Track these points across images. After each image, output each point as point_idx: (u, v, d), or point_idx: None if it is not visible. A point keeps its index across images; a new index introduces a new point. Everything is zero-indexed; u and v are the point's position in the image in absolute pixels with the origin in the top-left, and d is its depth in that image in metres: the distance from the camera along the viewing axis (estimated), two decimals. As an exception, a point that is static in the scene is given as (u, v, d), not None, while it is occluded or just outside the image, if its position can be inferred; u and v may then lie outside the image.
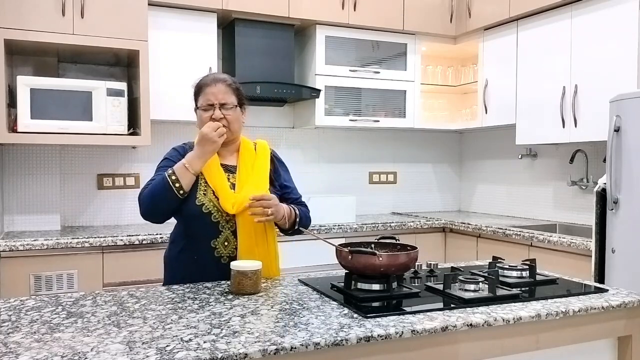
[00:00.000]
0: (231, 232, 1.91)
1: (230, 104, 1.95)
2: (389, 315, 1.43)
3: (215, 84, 1.96)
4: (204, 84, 1.98)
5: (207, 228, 1.90)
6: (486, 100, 3.82)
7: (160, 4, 3.24)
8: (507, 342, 1.48)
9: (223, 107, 1.94)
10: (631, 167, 2.42)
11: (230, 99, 1.96)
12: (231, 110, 1.95)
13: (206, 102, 1.94)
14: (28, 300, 1.59)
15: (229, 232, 1.91)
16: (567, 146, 3.59)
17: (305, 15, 3.57)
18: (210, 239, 1.90)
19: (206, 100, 1.95)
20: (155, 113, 3.18)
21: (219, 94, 1.94)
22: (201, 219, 1.89)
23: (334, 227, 3.44)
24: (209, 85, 1.96)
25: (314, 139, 4.08)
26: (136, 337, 1.26)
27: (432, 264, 1.93)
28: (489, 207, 4.32)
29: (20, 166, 3.18)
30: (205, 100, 1.95)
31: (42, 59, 3.24)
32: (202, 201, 1.89)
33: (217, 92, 1.94)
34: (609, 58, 2.97)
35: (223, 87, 1.96)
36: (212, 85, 1.96)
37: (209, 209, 1.89)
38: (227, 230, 1.91)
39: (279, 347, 1.20)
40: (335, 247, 1.71)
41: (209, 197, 1.90)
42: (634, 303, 1.64)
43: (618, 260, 2.48)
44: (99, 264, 2.88)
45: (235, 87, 2.01)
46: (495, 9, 3.66)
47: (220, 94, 1.94)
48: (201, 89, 1.98)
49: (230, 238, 1.91)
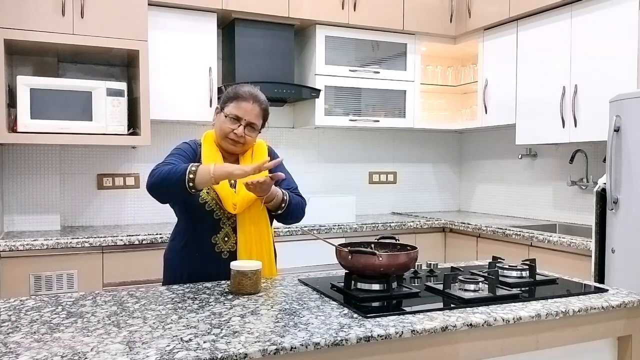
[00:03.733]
0: (231, 229, 1.96)
1: (257, 126, 1.98)
2: (388, 315, 1.43)
3: (253, 102, 1.96)
4: (242, 96, 1.96)
5: (209, 225, 1.94)
6: (486, 100, 3.82)
7: (160, 4, 3.23)
8: (507, 342, 1.48)
9: (248, 126, 1.95)
10: (631, 167, 2.42)
11: (258, 122, 1.98)
12: (254, 133, 1.98)
13: (237, 113, 1.94)
14: (28, 300, 1.59)
15: (229, 229, 1.95)
16: (567, 146, 3.59)
17: (305, 15, 3.57)
18: (211, 235, 1.94)
19: (238, 111, 1.94)
20: (155, 113, 3.18)
21: (252, 114, 1.95)
22: (203, 216, 1.94)
23: (334, 227, 3.44)
24: (247, 100, 1.95)
25: (314, 139, 4.08)
26: (136, 337, 1.26)
27: (432, 264, 1.93)
28: (488, 207, 4.32)
29: (20, 166, 3.18)
30: (236, 111, 1.94)
31: (42, 59, 3.24)
32: (205, 199, 1.93)
33: (250, 111, 1.95)
34: (609, 58, 2.97)
35: (258, 110, 1.97)
36: (249, 101, 1.96)
37: (211, 206, 1.94)
38: (227, 227, 1.95)
39: (279, 347, 1.20)
40: (335, 247, 1.71)
41: (212, 195, 1.94)
42: (634, 303, 1.64)
43: (618, 260, 2.48)
44: (99, 264, 2.88)
45: (267, 112, 2.03)
46: (495, 9, 3.66)
47: (252, 115, 1.95)
48: (238, 98, 1.96)
49: (230, 234, 1.95)
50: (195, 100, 3.35)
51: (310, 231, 2.05)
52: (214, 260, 1.93)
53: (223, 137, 1.96)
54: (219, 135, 1.98)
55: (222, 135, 1.96)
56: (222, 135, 1.97)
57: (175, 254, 2.01)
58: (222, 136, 1.96)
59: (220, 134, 1.97)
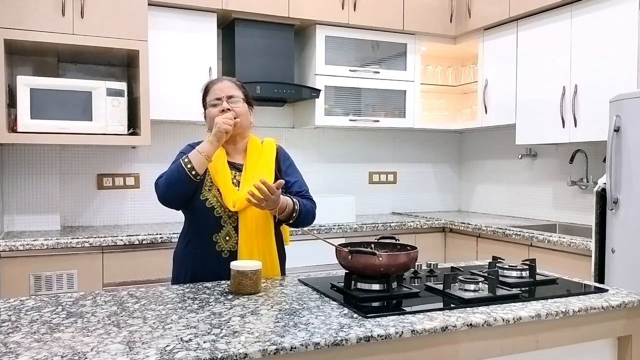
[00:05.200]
0: (233, 228, 1.95)
1: (237, 97, 2.03)
2: (388, 315, 1.43)
3: (221, 81, 2.07)
4: (210, 82, 2.10)
5: (210, 222, 1.94)
6: (486, 100, 3.82)
7: (160, 4, 3.23)
8: (507, 342, 1.48)
9: (230, 100, 2.01)
10: (631, 167, 2.42)
11: (237, 93, 2.04)
12: (239, 104, 2.03)
13: (214, 96, 2.03)
14: (28, 300, 1.60)
15: (230, 228, 1.95)
16: (567, 146, 3.59)
17: (305, 15, 3.57)
18: (212, 233, 1.94)
19: (214, 95, 2.03)
20: (155, 113, 3.18)
21: (225, 88, 2.03)
22: (204, 213, 1.94)
23: (334, 227, 3.44)
24: (215, 83, 2.07)
25: (314, 139, 4.08)
26: (136, 337, 1.26)
27: (432, 264, 1.93)
28: (488, 207, 4.32)
29: (20, 166, 3.18)
30: (213, 96, 2.03)
31: (42, 59, 3.24)
32: (206, 196, 1.94)
33: (223, 87, 2.04)
34: (609, 58, 2.97)
35: (229, 83, 2.06)
36: (218, 82, 2.07)
37: (212, 204, 1.94)
38: (229, 226, 1.95)
39: (278, 347, 1.20)
40: (335, 247, 1.71)
41: (213, 192, 1.95)
42: (634, 303, 1.64)
43: (618, 260, 2.48)
44: (99, 264, 2.88)
45: (241, 84, 2.11)
46: (495, 9, 3.66)
47: (226, 88, 2.04)
48: (208, 88, 2.08)
49: (231, 233, 1.94)
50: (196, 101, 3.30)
51: (310, 231, 2.05)
52: (215, 259, 1.93)
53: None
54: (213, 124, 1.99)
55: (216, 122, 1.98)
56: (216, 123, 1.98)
57: (180, 251, 2.04)
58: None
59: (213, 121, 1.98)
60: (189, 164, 1.89)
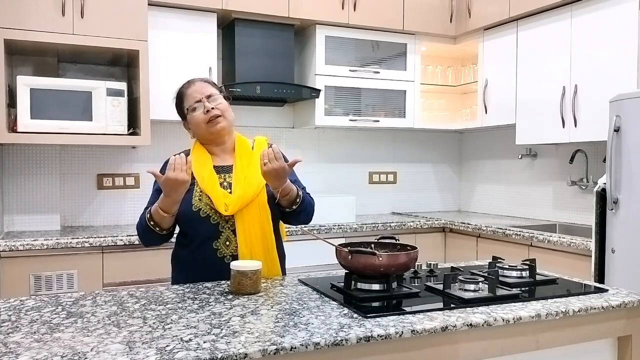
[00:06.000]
0: (231, 232, 1.90)
1: (216, 94, 1.97)
2: (388, 315, 1.43)
3: (193, 83, 1.99)
4: (182, 88, 2.01)
5: (208, 230, 1.89)
6: (486, 100, 3.82)
7: (160, 4, 3.24)
8: (507, 342, 1.48)
9: (210, 98, 1.94)
10: (631, 167, 2.42)
11: (214, 91, 1.97)
12: (219, 100, 1.97)
13: (193, 100, 1.94)
14: (28, 300, 1.59)
15: (229, 232, 1.89)
16: (567, 146, 3.59)
17: (305, 15, 3.57)
18: (212, 240, 1.89)
19: (192, 99, 1.95)
20: (155, 113, 3.17)
21: (202, 89, 1.96)
22: (201, 223, 1.88)
23: (334, 227, 3.44)
24: (188, 87, 1.98)
25: (314, 139, 4.08)
26: (136, 337, 1.26)
27: (432, 264, 1.93)
28: (488, 207, 4.32)
29: (20, 166, 3.18)
30: (191, 100, 1.95)
31: (42, 59, 3.24)
32: (198, 206, 1.88)
33: (198, 88, 1.96)
34: (609, 58, 2.97)
35: (202, 83, 1.99)
36: (191, 85, 1.99)
37: (206, 212, 1.88)
38: (227, 230, 1.89)
39: (278, 347, 1.20)
40: (335, 247, 1.71)
41: (205, 201, 1.89)
42: (634, 303, 1.64)
43: (618, 260, 2.48)
44: (99, 264, 2.88)
45: (213, 82, 2.05)
46: (495, 9, 3.66)
47: (202, 89, 1.96)
48: (181, 94, 2.00)
49: (231, 237, 1.89)
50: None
51: (310, 231, 2.05)
52: (218, 266, 1.88)
53: (203, 125, 1.94)
54: (200, 129, 1.95)
55: (202, 125, 1.94)
56: (201, 126, 1.94)
57: (179, 260, 1.99)
58: (202, 125, 1.94)
59: (199, 126, 1.94)
60: (151, 221, 1.85)
